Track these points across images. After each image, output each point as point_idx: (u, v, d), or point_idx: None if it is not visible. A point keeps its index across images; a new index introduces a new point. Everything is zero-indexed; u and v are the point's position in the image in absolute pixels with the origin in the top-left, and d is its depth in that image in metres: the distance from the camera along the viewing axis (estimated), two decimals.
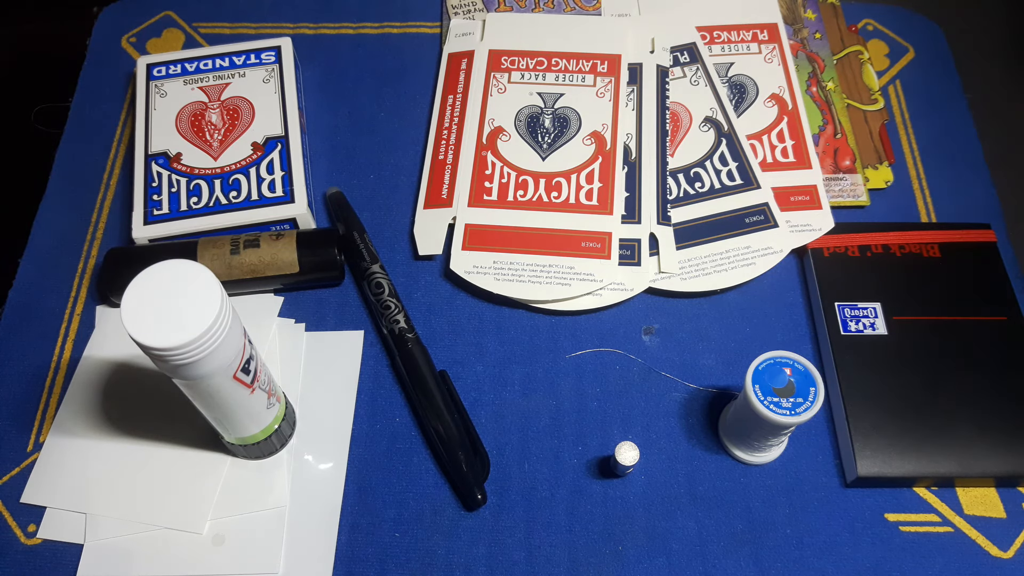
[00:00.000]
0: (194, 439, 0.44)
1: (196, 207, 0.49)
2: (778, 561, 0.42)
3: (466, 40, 0.57)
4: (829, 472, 0.44)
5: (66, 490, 0.43)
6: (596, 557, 0.42)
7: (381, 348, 0.48)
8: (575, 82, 0.54)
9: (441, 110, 0.55)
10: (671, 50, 0.56)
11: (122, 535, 0.42)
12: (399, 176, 0.54)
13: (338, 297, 0.50)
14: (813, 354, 0.47)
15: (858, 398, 0.44)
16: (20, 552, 0.42)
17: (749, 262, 0.49)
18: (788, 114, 0.53)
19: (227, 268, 0.47)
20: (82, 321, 0.49)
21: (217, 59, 0.54)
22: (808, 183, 0.51)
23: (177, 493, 0.43)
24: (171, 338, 0.32)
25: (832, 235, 0.49)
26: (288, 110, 0.52)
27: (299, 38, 0.59)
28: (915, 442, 0.42)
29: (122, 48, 0.60)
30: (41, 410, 0.46)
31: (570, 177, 0.51)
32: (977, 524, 0.43)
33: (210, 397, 0.37)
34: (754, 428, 0.41)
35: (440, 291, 0.50)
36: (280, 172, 0.50)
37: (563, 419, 0.46)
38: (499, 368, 0.47)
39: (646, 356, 0.47)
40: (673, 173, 0.52)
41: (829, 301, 0.47)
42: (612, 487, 0.44)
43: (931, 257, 0.48)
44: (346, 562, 0.42)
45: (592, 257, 0.48)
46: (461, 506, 0.43)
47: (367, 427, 0.46)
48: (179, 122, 0.52)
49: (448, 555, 0.42)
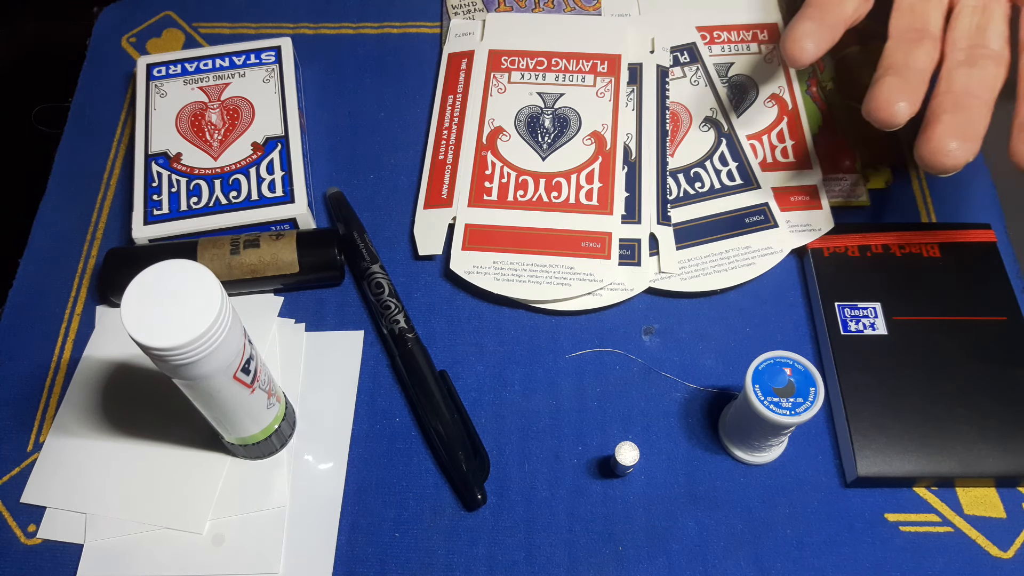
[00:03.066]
0: (194, 439, 0.44)
1: (196, 207, 0.49)
2: (778, 561, 0.42)
3: (466, 40, 0.57)
4: (829, 472, 0.44)
5: (66, 490, 0.43)
6: (596, 557, 0.42)
7: (381, 348, 0.48)
8: (575, 82, 0.54)
9: (441, 110, 0.55)
10: (671, 50, 0.56)
11: (122, 535, 0.42)
12: (399, 176, 0.54)
13: (338, 297, 0.50)
14: (813, 354, 0.47)
15: (858, 398, 0.44)
16: (20, 552, 0.42)
17: (749, 262, 0.49)
18: (788, 114, 0.53)
19: (227, 268, 0.47)
20: (82, 321, 0.49)
21: (217, 59, 0.54)
22: (808, 183, 0.51)
23: (177, 493, 0.43)
24: (171, 338, 0.32)
25: (832, 235, 0.49)
26: (288, 110, 0.52)
27: (299, 38, 0.59)
28: (915, 442, 0.42)
29: (122, 48, 0.60)
30: (41, 410, 0.46)
31: (570, 177, 0.51)
32: (977, 524, 0.43)
33: (210, 397, 0.37)
34: (754, 428, 0.41)
35: (440, 291, 0.50)
36: (280, 172, 0.50)
37: (563, 419, 0.46)
38: (499, 368, 0.47)
39: (646, 356, 0.47)
40: (673, 173, 0.52)
41: (829, 301, 0.47)
42: (612, 487, 0.44)
43: (931, 257, 0.48)
44: (346, 562, 0.42)
45: (592, 257, 0.48)
46: (461, 506, 0.43)
47: (367, 427, 0.46)
48: (179, 122, 0.52)
49: (448, 555, 0.42)
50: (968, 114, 0.38)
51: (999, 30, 0.41)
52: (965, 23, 0.42)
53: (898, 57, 0.41)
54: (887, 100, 0.39)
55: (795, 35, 0.42)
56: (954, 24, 0.42)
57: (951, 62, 0.41)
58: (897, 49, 0.42)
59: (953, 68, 0.40)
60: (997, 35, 0.41)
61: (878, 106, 0.40)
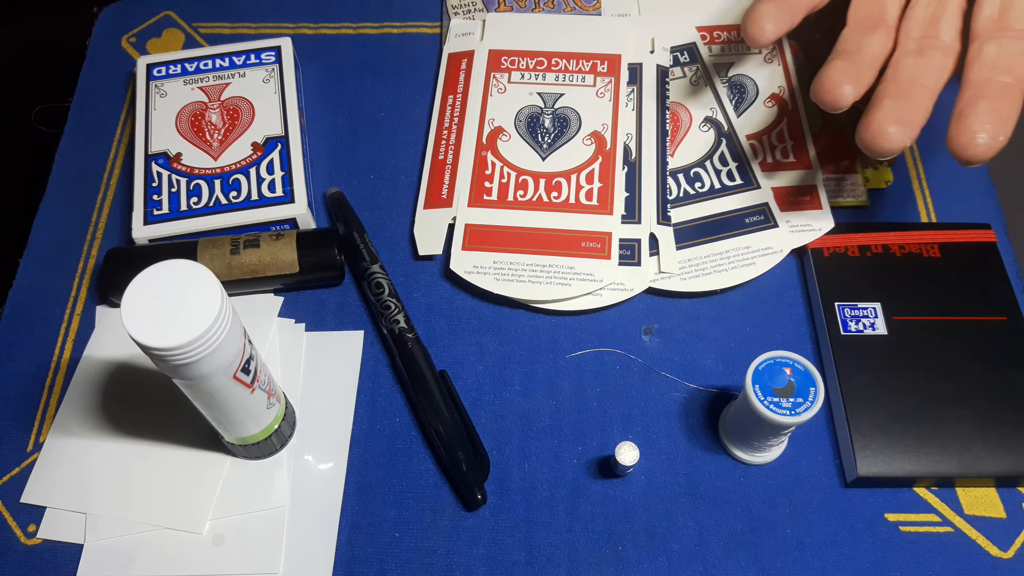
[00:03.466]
0: (194, 439, 0.44)
1: (196, 207, 0.49)
2: (778, 561, 0.42)
3: (466, 40, 0.57)
4: (829, 472, 0.44)
5: (66, 490, 0.43)
6: (596, 557, 0.42)
7: (381, 348, 0.48)
8: (575, 82, 0.54)
9: (441, 110, 0.55)
10: (671, 50, 0.56)
11: (122, 535, 0.42)
12: (399, 176, 0.54)
13: (338, 297, 0.50)
14: (813, 354, 0.47)
15: (858, 398, 0.44)
16: (20, 552, 0.42)
17: (749, 262, 0.49)
18: (788, 114, 0.53)
19: (227, 268, 0.47)
20: (82, 321, 0.49)
21: (217, 59, 0.54)
22: (808, 183, 0.51)
23: (177, 493, 0.43)
24: (171, 338, 0.32)
25: (832, 235, 0.49)
26: (288, 110, 0.52)
27: (299, 38, 0.59)
28: (915, 442, 0.42)
29: (122, 48, 0.60)
30: (41, 410, 0.46)
31: (570, 177, 0.51)
32: (977, 524, 0.43)
33: (210, 397, 0.37)
34: (754, 428, 0.41)
35: (440, 291, 0.50)
36: (280, 172, 0.50)
37: (563, 419, 0.46)
38: (499, 368, 0.47)
39: (646, 356, 0.47)
40: (673, 173, 0.52)
41: (829, 301, 0.47)
42: (612, 487, 0.44)
43: (931, 257, 0.48)
44: (346, 562, 0.42)
45: (592, 257, 0.48)
46: (461, 506, 0.43)
47: (367, 427, 0.46)
48: (179, 122, 0.52)
49: (448, 555, 0.42)
50: (910, 101, 0.39)
51: (952, 22, 0.42)
52: (920, 13, 0.43)
53: (851, 43, 0.42)
54: (834, 83, 0.41)
55: (755, 15, 0.44)
56: (909, 14, 0.43)
57: (901, 51, 0.42)
58: (851, 35, 0.43)
59: (902, 57, 0.42)
60: (949, 27, 0.42)
61: (824, 88, 0.41)
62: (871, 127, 0.39)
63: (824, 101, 0.41)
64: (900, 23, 0.43)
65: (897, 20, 0.44)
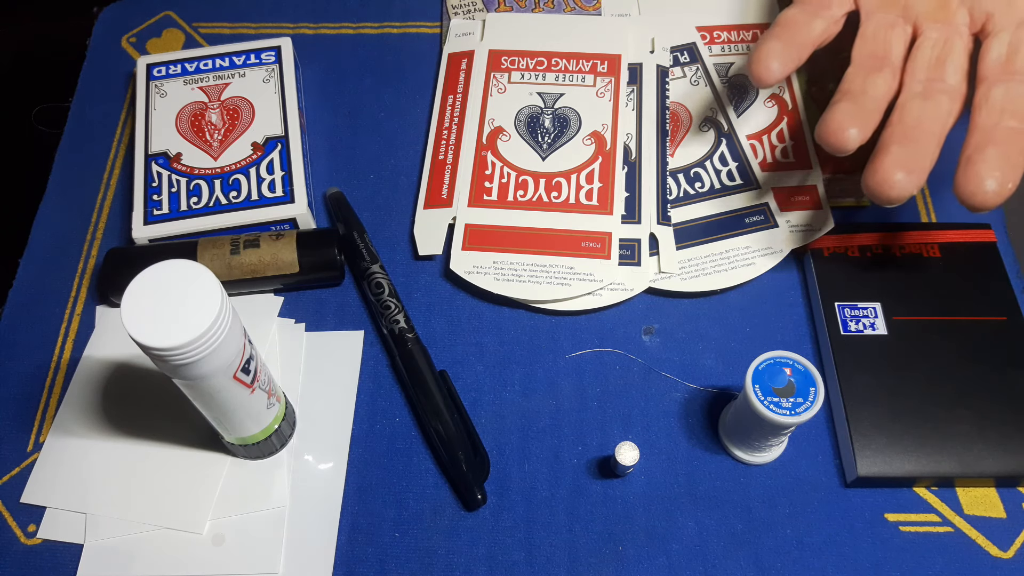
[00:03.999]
0: (194, 439, 0.44)
1: (196, 207, 0.49)
2: (778, 561, 0.42)
3: (466, 40, 0.57)
4: (829, 472, 0.44)
5: (66, 490, 0.43)
6: (596, 557, 0.42)
7: (381, 348, 0.48)
8: (575, 82, 0.54)
9: (441, 110, 0.55)
10: (671, 50, 0.56)
11: (122, 535, 0.42)
12: (399, 176, 0.54)
13: (338, 297, 0.50)
14: (813, 354, 0.47)
15: (858, 398, 0.44)
16: (20, 552, 0.42)
17: (749, 262, 0.49)
18: (788, 114, 0.53)
19: (227, 268, 0.47)
20: (82, 321, 0.49)
21: (217, 59, 0.54)
22: (808, 183, 0.51)
23: (177, 493, 0.43)
24: (171, 338, 0.32)
25: (832, 235, 0.49)
26: (288, 110, 0.52)
27: (299, 38, 0.59)
28: (915, 442, 0.42)
29: (122, 48, 0.60)
30: (41, 410, 0.46)
31: (570, 177, 0.51)
32: (977, 524, 0.43)
33: (210, 397, 0.37)
34: (754, 428, 0.41)
35: (440, 291, 0.50)
36: (280, 172, 0.50)
37: (563, 419, 0.46)
38: (499, 368, 0.47)
39: (646, 356, 0.47)
40: (673, 173, 0.52)
41: (829, 301, 0.47)
42: (612, 487, 0.44)
43: (931, 257, 0.48)
44: (346, 562, 0.42)
45: (592, 257, 0.48)
46: (461, 506, 0.43)
47: (367, 427, 0.46)
48: (179, 122, 0.52)
49: (448, 555, 0.42)
50: (916, 146, 0.38)
51: (958, 64, 0.41)
52: (926, 55, 0.42)
53: (856, 83, 0.41)
54: (839, 125, 0.40)
55: (760, 55, 0.43)
56: (915, 55, 0.42)
57: (907, 93, 0.41)
58: (856, 75, 0.42)
59: (908, 100, 0.40)
60: (956, 69, 0.41)
61: (829, 130, 0.40)
62: (877, 174, 0.38)
63: (830, 144, 0.40)
64: (905, 63, 0.42)
65: (902, 60, 0.42)
